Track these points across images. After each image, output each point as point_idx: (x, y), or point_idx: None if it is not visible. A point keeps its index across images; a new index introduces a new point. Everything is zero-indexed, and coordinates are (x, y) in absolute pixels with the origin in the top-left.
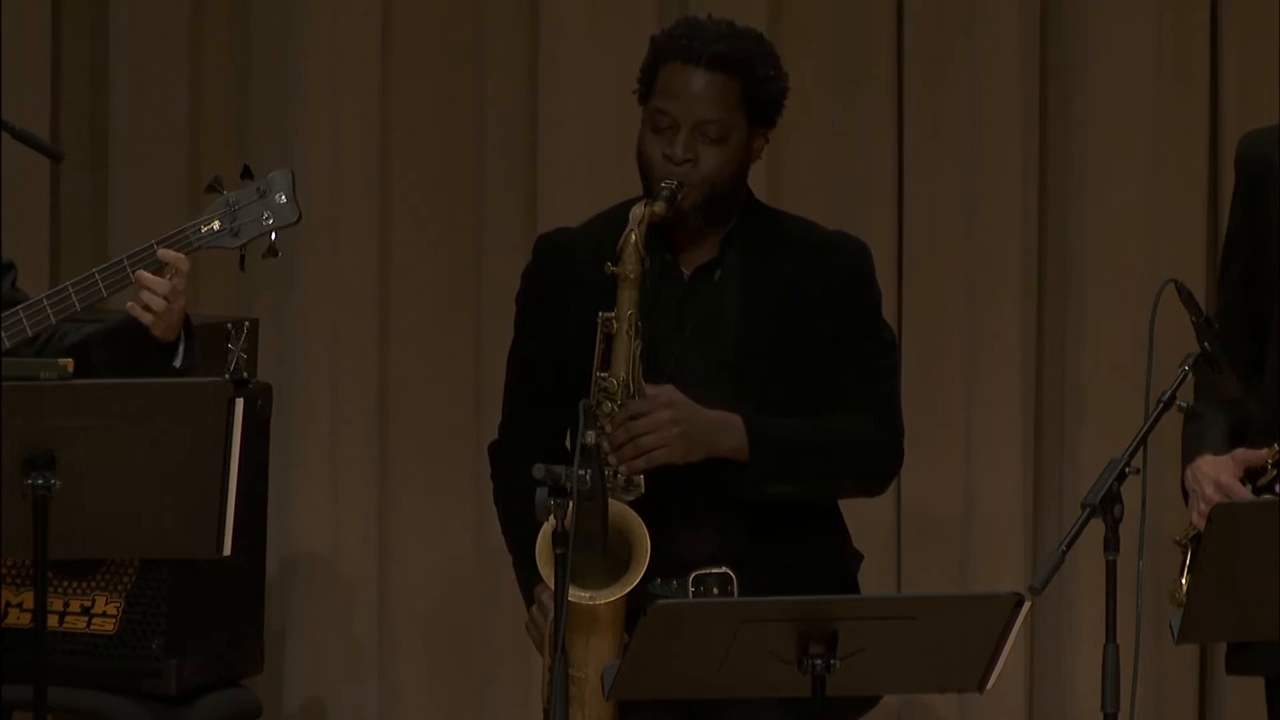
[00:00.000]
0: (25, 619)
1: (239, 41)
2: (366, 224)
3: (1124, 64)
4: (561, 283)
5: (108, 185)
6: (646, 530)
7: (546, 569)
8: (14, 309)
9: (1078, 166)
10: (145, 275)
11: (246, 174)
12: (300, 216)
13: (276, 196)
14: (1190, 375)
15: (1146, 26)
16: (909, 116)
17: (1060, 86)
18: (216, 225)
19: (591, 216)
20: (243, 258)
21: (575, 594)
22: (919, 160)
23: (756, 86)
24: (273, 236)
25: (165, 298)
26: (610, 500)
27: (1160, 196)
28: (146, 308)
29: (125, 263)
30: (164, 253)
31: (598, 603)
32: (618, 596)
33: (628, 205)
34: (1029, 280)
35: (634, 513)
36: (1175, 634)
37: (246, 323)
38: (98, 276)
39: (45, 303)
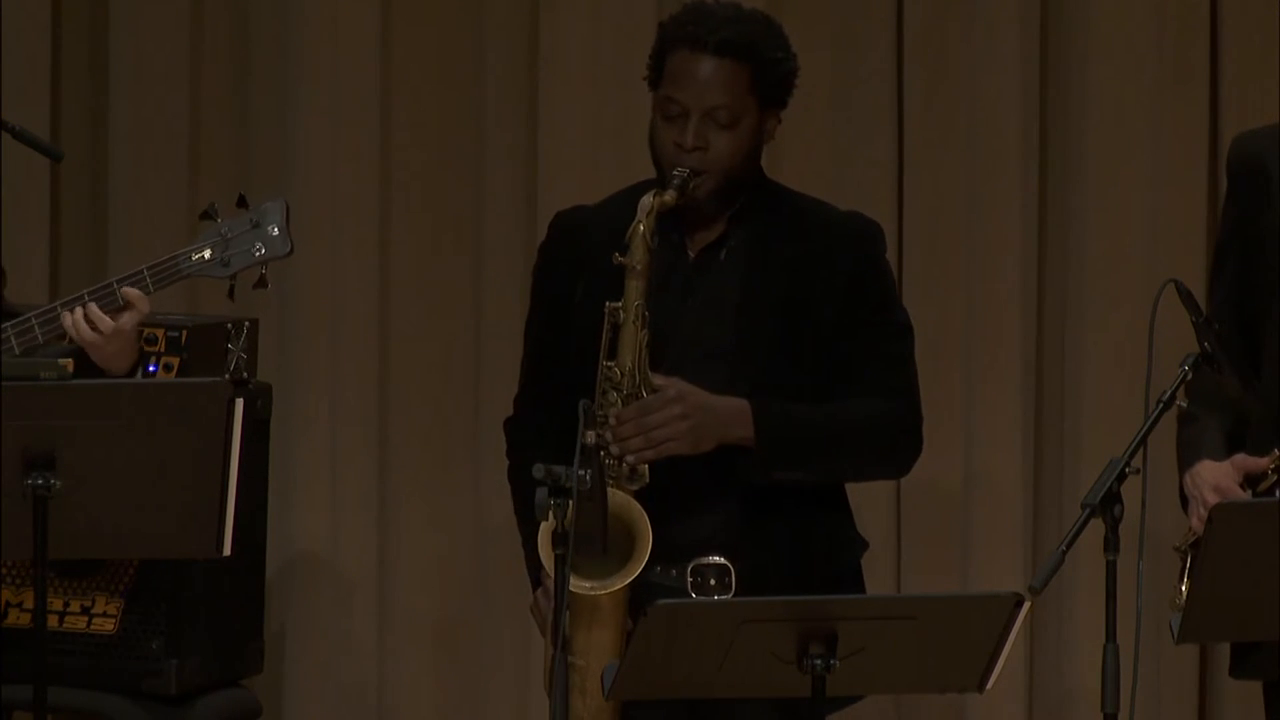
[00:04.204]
0: (25, 619)
1: (239, 42)
2: (366, 224)
3: (1124, 63)
4: (572, 260)
5: (108, 185)
6: (649, 521)
7: (548, 560)
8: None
9: (1078, 166)
10: (91, 308)
11: (242, 203)
12: (292, 249)
13: (269, 228)
14: (1190, 375)
15: (1146, 26)
16: (909, 114)
17: (1060, 85)
18: (207, 254)
19: (610, 194)
20: (232, 287)
21: (577, 584)
22: (919, 158)
23: (766, 69)
24: (263, 268)
25: (102, 332)
26: (613, 490)
27: (1160, 196)
28: (77, 329)
29: (85, 295)
30: (126, 291)
31: (599, 593)
32: (619, 587)
33: (646, 185)
34: (1029, 279)
35: (636, 503)
36: (1175, 634)
37: (246, 323)
38: (59, 308)
39: (9, 330)
